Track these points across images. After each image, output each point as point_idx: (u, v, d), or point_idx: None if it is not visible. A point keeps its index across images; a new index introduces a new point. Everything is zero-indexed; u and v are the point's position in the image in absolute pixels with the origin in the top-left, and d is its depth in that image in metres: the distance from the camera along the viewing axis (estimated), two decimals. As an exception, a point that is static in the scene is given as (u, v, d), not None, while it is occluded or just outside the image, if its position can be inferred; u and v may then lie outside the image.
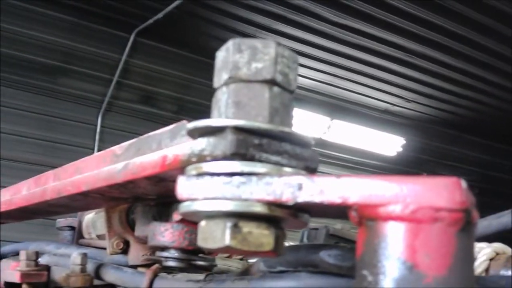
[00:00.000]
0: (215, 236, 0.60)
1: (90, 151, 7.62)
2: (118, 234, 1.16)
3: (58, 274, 1.16)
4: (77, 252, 1.15)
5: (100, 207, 1.16)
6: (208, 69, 7.81)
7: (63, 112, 7.58)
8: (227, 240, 0.58)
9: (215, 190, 0.59)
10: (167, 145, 0.77)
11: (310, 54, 7.96)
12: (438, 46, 7.69)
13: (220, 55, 0.67)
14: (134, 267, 1.16)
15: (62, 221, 1.80)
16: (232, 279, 0.88)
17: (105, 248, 1.35)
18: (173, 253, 0.93)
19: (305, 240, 1.90)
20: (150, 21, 7.02)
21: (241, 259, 1.48)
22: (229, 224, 0.59)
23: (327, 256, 0.73)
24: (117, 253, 1.18)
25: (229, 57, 0.66)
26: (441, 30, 7.28)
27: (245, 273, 0.95)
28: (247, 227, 0.59)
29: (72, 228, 1.77)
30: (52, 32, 7.06)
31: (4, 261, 1.37)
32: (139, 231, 1.04)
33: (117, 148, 0.96)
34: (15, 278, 1.08)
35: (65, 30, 7.13)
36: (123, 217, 1.16)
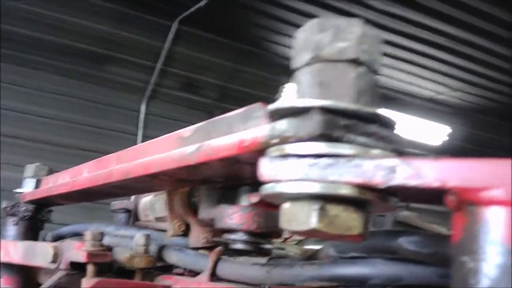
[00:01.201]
0: (299, 218, 0.59)
1: (133, 137, 7.75)
2: (179, 217, 1.17)
3: (120, 255, 1.17)
4: (140, 233, 1.16)
5: (163, 189, 1.17)
6: (250, 57, 7.86)
7: (107, 99, 7.73)
8: (313, 223, 0.57)
9: (300, 171, 0.58)
10: (239, 128, 0.77)
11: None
12: (484, 33, 7.46)
13: (301, 35, 0.66)
14: (195, 249, 1.17)
15: (117, 204, 1.83)
16: (301, 263, 0.87)
17: (162, 230, 1.36)
18: (241, 236, 0.92)
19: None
20: (192, 9, 7.04)
21: (296, 243, 1.47)
22: (315, 206, 0.58)
23: (406, 243, 0.71)
24: (178, 235, 1.18)
25: (311, 36, 0.64)
26: (488, 17, 7.06)
27: (312, 258, 0.94)
28: (333, 210, 0.58)
29: (127, 210, 1.79)
30: (96, 20, 7.19)
31: (67, 241, 1.40)
32: (204, 213, 1.04)
33: (183, 131, 0.96)
34: (81, 258, 1.10)
35: (109, 18, 7.24)
36: (184, 199, 1.16)
